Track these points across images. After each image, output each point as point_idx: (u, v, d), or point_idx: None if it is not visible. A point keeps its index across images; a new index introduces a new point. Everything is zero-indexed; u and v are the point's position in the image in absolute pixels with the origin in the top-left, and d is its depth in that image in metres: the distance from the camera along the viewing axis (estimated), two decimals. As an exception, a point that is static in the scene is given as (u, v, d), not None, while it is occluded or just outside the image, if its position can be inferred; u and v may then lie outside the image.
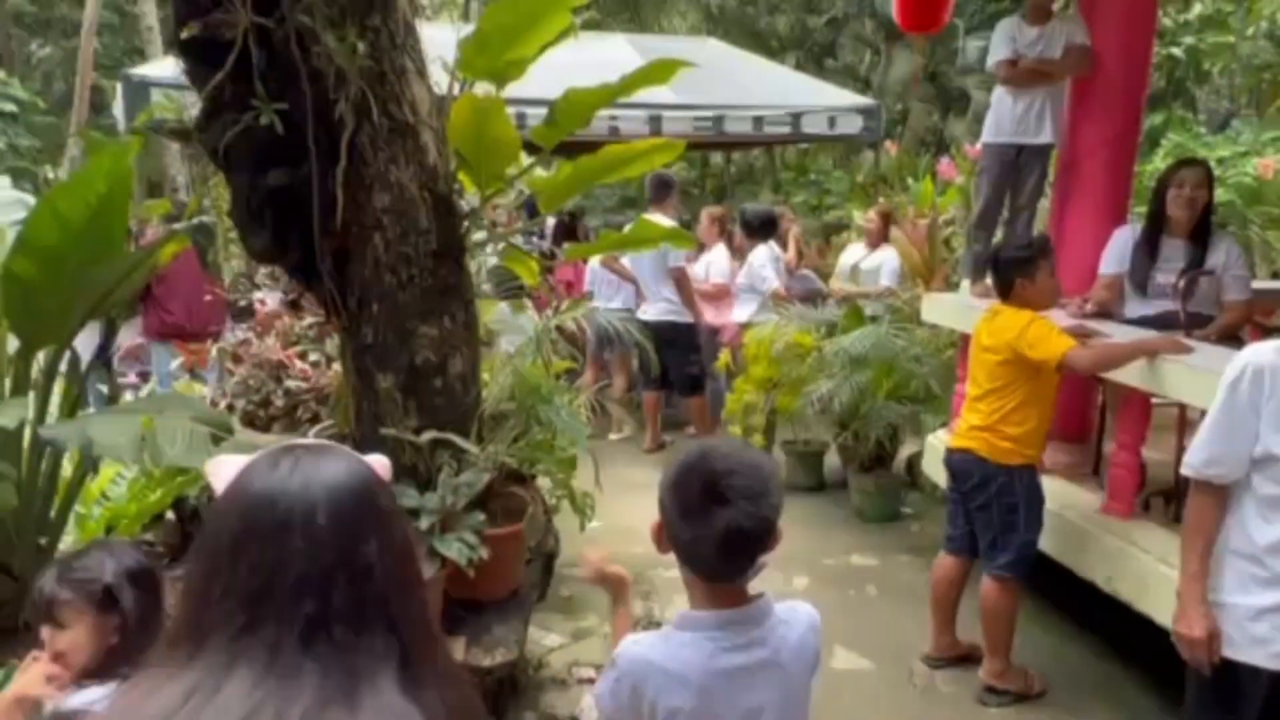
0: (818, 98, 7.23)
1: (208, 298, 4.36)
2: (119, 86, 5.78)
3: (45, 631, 1.60)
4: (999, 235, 4.21)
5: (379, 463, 0.92)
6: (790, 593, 3.86)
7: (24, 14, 17.94)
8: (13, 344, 2.76)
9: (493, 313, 3.95)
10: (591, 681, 3.11)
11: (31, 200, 3.09)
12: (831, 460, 5.22)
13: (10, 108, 14.25)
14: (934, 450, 4.12)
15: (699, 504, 1.24)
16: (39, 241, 2.61)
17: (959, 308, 4.06)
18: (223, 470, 0.89)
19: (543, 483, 2.97)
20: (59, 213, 2.62)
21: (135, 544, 2.37)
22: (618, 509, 4.02)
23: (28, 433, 2.60)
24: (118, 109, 5.80)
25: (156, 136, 4.94)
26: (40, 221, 2.63)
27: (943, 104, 12.42)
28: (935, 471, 4.15)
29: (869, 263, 5.92)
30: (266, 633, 0.77)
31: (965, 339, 4.08)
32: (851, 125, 6.97)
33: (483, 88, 2.65)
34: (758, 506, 1.26)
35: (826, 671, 3.19)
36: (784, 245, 6.42)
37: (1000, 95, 3.93)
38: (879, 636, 3.44)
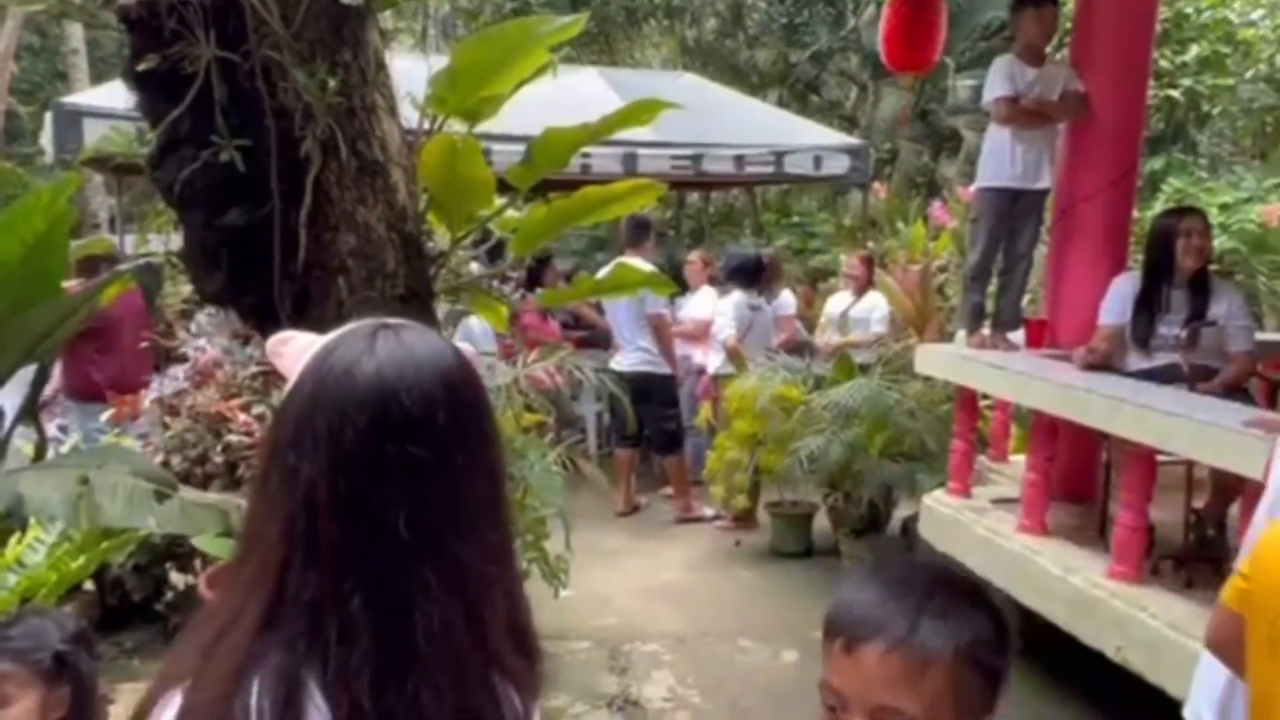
0: (802, 136, 7.50)
1: (144, 345, 4.37)
2: (47, 115, 5.84)
3: None
4: (993, 284, 4.40)
5: (468, 350, 0.91)
6: (777, 668, 3.91)
7: (-67, 33, 17.96)
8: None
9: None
10: (563, 767, 3.12)
11: (-43, 238, 3.12)
12: (821, 523, 5.30)
13: (-84, 134, 14.18)
14: (931, 512, 4.23)
15: None
16: (-30, 282, 2.66)
17: (955, 360, 4.22)
18: (292, 349, 0.85)
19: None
20: (-8, 252, 2.67)
21: (63, 611, 2.37)
22: (589, 576, 4.07)
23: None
24: (45, 139, 5.86)
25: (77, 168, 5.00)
26: (-28, 261, 2.68)
27: (933, 145, 12.87)
28: (933, 535, 4.25)
29: (858, 310, 6.11)
30: (386, 548, 0.78)
31: (962, 392, 4.23)
32: (838, 165, 7.23)
33: (453, 124, 2.77)
34: None
35: (819, 753, 3.25)
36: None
37: (998, 138, 4.12)
38: (875, 715, 3.48)
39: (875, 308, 6.14)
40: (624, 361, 5.69)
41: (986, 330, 4.22)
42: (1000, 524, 3.81)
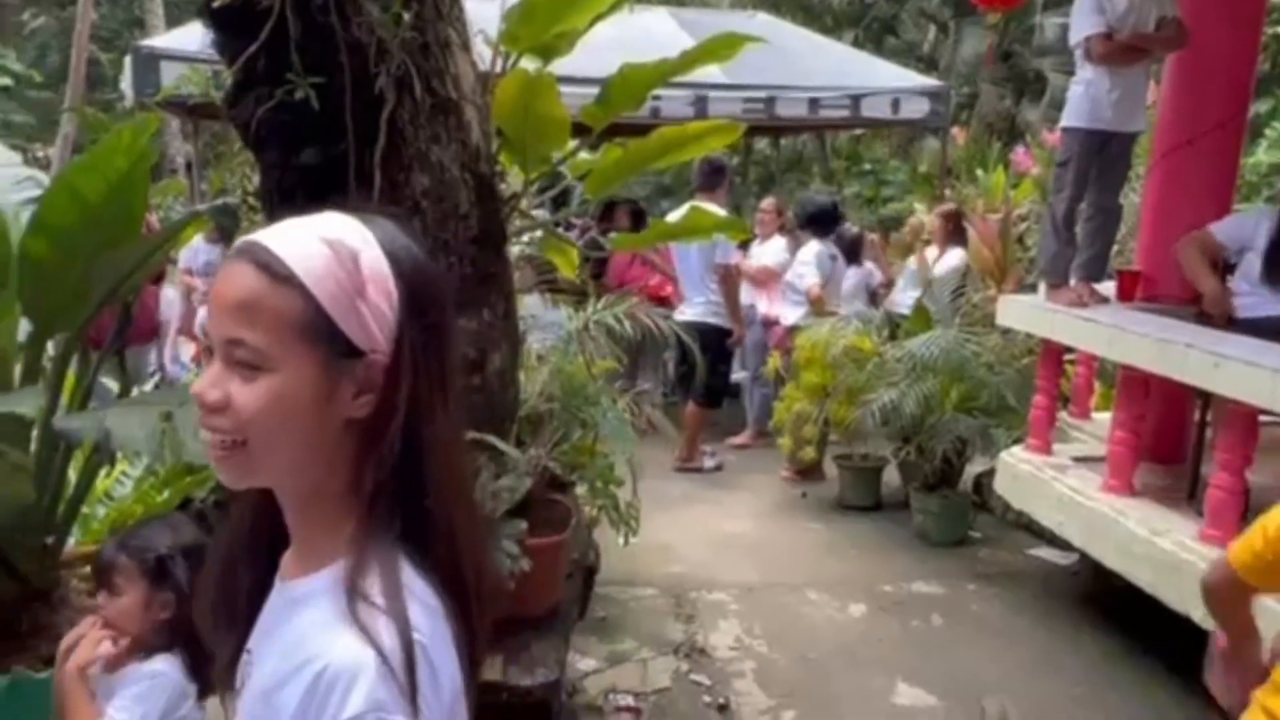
0: (879, 78, 7.23)
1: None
2: (127, 60, 5.93)
3: (101, 598, 1.78)
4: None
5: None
6: (845, 620, 3.87)
7: (19, -17, 18.46)
8: (24, 330, 2.85)
9: (521, 307, 4.00)
10: (630, 711, 3.14)
11: (44, 178, 3.19)
12: (890, 477, 5.21)
13: (5, 81, 14.62)
14: (1008, 468, 4.11)
15: None
16: (55, 221, 2.69)
17: (1040, 312, 4.05)
18: None
19: (579, 491, 3.01)
20: (76, 191, 2.70)
21: (195, 521, 2.40)
22: (654, 524, 4.05)
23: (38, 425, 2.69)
24: (125, 83, 5.95)
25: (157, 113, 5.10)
26: (56, 200, 2.71)
27: (1015, 87, 12.33)
28: (1010, 492, 4.14)
29: (939, 269, 5.89)
30: None
31: (1046, 346, 4.07)
32: (917, 109, 6.96)
33: (528, 63, 2.70)
34: None
35: (887, 708, 3.21)
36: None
37: (1089, 77, 3.85)
38: (946, 671, 3.43)
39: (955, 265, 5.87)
40: (688, 311, 5.60)
41: (1073, 281, 4.03)
42: (1083, 483, 3.67)
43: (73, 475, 2.99)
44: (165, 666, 1.75)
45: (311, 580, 0.83)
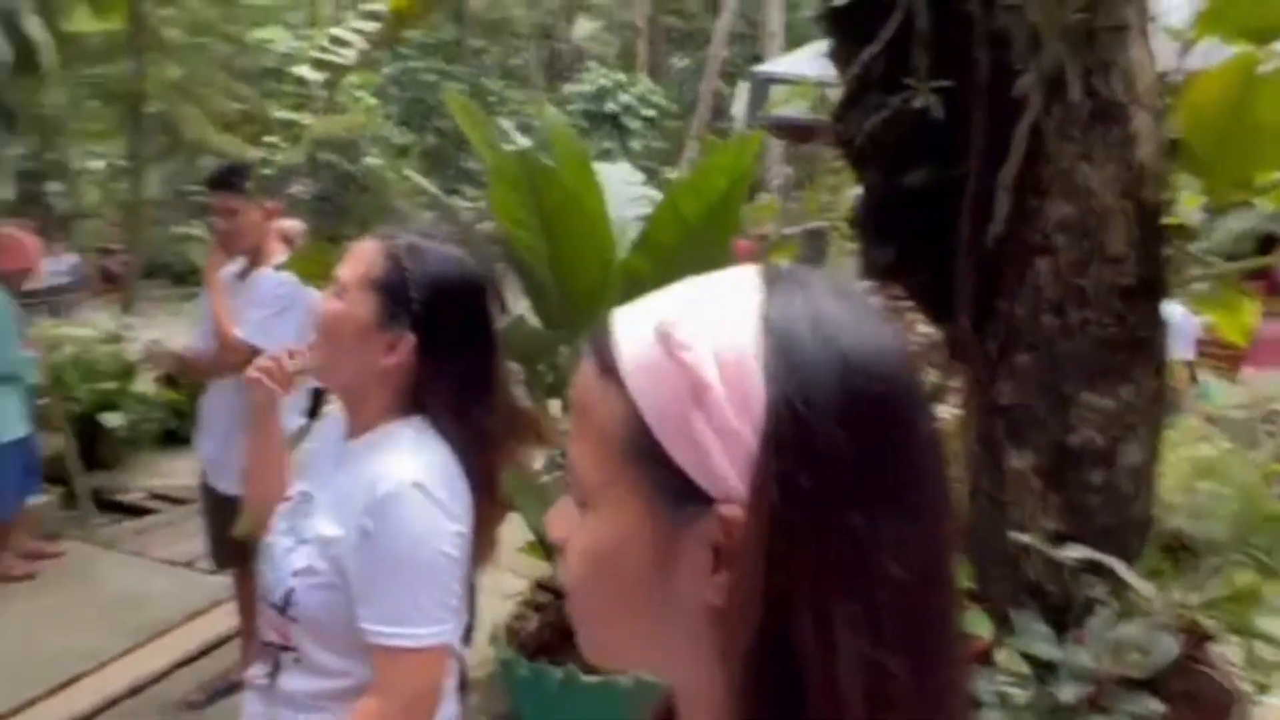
0: None
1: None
2: (739, 85, 6.26)
3: None
4: None
5: None
6: None
7: (672, 30, 21.78)
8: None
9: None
10: None
11: (656, 195, 3.30)
12: None
13: (651, 113, 17.22)
14: None
15: None
16: (659, 239, 2.74)
17: None
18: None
19: (1231, 651, 2.13)
20: (679, 211, 2.71)
21: None
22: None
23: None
24: (736, 107, 6.30)
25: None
26: (662, 219, 2.76)
27: None
28: None
29: None
30: None
31: None
32: None
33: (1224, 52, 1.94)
34: None
35: None
36: None
37: None
38: None
39: None
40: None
41: None
42: None
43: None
44: None
45: None
